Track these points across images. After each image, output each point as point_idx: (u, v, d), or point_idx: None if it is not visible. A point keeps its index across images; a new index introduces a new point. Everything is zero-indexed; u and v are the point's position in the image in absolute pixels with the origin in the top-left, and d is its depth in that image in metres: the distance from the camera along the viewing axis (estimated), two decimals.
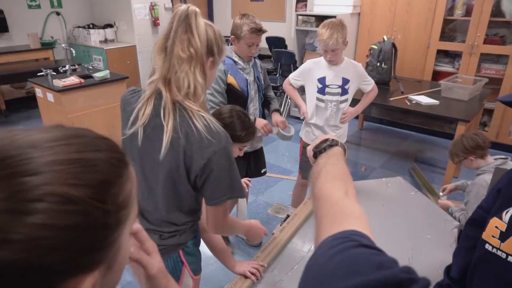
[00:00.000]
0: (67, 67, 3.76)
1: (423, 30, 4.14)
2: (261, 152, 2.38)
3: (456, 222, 1.71)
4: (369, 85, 2.38)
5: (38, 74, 3.54)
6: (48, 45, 5.49)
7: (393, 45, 3.80)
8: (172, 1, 6.02)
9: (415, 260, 1.43)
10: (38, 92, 3.57)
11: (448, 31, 4.23)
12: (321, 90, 2.27)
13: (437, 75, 4.22)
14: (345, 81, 2.24)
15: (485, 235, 0.97)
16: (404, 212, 1.77)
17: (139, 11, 5.58)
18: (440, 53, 4.24)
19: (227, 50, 2.05)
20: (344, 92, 2.27)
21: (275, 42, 5.32)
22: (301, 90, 2.48)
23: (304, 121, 2.46)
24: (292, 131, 2.30)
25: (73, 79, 3.43)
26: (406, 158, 3.97)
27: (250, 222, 1.40)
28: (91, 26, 5.85)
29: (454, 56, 4.22)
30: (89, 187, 0.38)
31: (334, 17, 2.28)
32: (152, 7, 5.67)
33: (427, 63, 4.22)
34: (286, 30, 5.63)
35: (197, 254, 1.34)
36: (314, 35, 4.86)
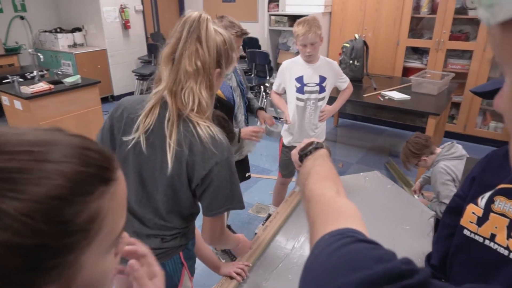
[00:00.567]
0: (35, 73, 3.62)
1: (392, 28, 4.27)
2: (247, 156, 2.37)
3: (432, 212, 1.77)
4: (345, 83, 2.43)
5: (4, 82, 3.39)
6: (13, 51, 5.28)
7: (365, 43, 3.90)
8: (143, 3, 5.92)
9: (396, 251, 1.46)
10: (4, 100, 3.42)
11: (416, 29, 4.38)
12: (300, 89, 2.30)
13: (407, 71, 4.36)
14: (322, 79, 2.28)
15: (463, 222, 1.01)
16: (383, 205, 1.81)
17: (109, 14, 5.46)
18: (409, 50, 4.39)
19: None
20: (322, 90, 2.31)
21: (249, 43, 5.33)
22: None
23: (287, 125, 2.48)
24: (280, 127, 2.29)
25: (42, 85, 3.30)
26: (381, 153, 4.07)
27: (239, 237, 1.40)
28: (59, 30, 5.66)
29: (422, 53, 4.37)
30: (25, 201, 0.33)
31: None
32: (122, 10, 5.55)
33: (397, 60, 4.35)
34: (259, 31, 5.66)
35: (194, 255, 1.34)
36: (287, 35, 4.91)
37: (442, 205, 2.09)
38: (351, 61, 3.85)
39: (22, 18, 5.52)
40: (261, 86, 4.98)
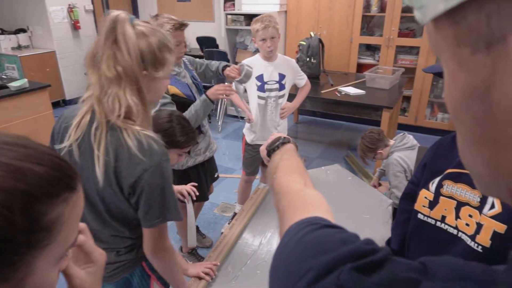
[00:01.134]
0: None
1: (345, 26, 4.42)
2: (214, 157, 2.34)
3: (390, 200, 1.87)
4: (303, 80, 2.49)
5: None
6: None
7: (320, 41, 4.00)
8: (93, 3, 5.67)
9: None
10: None
11: (368, 27, 4.57)
12: (261, 88, 2.32)
13: (361, 67, 4.53)
14: (282, 77, 2.32)
15: (417, 206, 1.08)
16: (344, 196, 1.88)
17: (56, 14, 5.17)
18: (362, 47, 4.57)
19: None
20: (282, 88, 2.34)
21: (206, 42, 5.29)
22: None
23: (248, 124, 2.48)
24: (249, 70, 2.03)
25: None
26: (340, 147, 4.21)
27: (184, 283, 1.28)
28: (0, 32, 5.28)
29: (374, 49, 4.58)
30: (3, 192, 0.36)
31: None
32: (71, 10, 5.29)
33: (351, 57, 4.52)
34: (216, 30, 5.63)
35: None
36: (245, 34, 4.93)
37: (393, 194, 2.23)
38: (308, 59, 3.94)
39: None
40: None
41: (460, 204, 1.01)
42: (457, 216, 1.02)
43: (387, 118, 3.08)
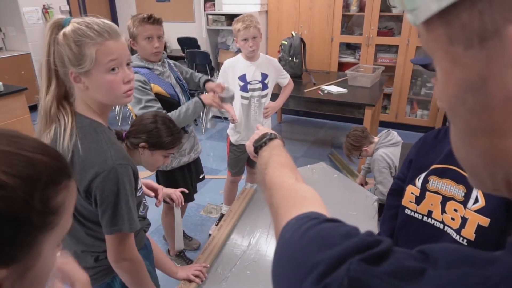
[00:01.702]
0: None
1: (326, 25, 4.47)
2: (199, 158, 2.32)
3: (375, 197, 1.90)
4: (286, 79, 2.50)
5: None
6: None
7: (302, 40, 4.03)
8: (69, 3, 5.53)
9: None
10: None
11: (347, 26, 4.64)
12: (244, 88, 2.31)
13: (342, 66, 4.59)
14: (264, 76, 2.32)
15: (404, 202, 1.11)
16: (330, 194, 1.90)
17: (30, 15, 5.02)
18: (343, 46, 4.63)
19: (135, 60, 1.86)
20: (265, 87, 2.35)
21: (187, 43, 5.24)
22: None
23: (232, 124, 2.47)
24: (232, 91, 2.11)
25: None
26: (324, 145, 4.25)
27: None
28: None
29: (355, 48, 4.64)
30: (21, 179, 0.40)
31: None
32: (46, 11, 5.14)
33: (332, 55, 4.57)
34: (197, 30, 5.59)
35: (151, 269, 1.25)
36: (226, 34, 4.91)
37: (377, 190, 2.27)
38: (290, 58, 3.96)
39: None
40: None
41: (446, 199, 1.04)
42: (443, 211, 1.05)
43: (370, 116, 3.13)
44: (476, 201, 0.98)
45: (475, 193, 0.98)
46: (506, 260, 0.28)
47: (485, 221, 0.95)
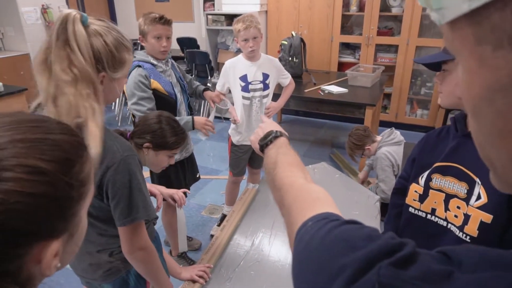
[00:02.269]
0: None
1: (326, 25, 4.47)
2: (194, 157, 2.33)
3: (377, 196, 1.90)
4: (287, 79, 2.50)
5: None
6: None
7: (302, 40, 4.03)
8: (68, 4, 5.52)
9: None
10: None
11: (347, 26, 4.64)
12: (245, 88, 2.31)
13: (342, 66, 4.60)
14: (265, 76, 2.32)
15: (408, 200, 1.11)
16: (333, 194, 1.88)
17: (29, 15, 5.00)
18: (343, 46, 4.63)
19: (141, 55, 1.95)
20: (266, 87, 2.34)
21: (187, 43, 5.24)
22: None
23: (234, 125, 2.47)
24: (229, 104, 2.22)
25: None
26: (325, 145, 4.25)
27: (169, 285, 1.25)
28: None
29: (354, 48, 4.65)
30: (56, 163, 0.44)
31: None
32: (45, 10, 5.12)
33: (332, 55, 4.57)
34: (197, 30, 5.58)
35: (162, 260, 1.27)
36: (226, 34, 4.91)
37: (379, 188, 2.27)
38: (290, 58, 3.96)
39: None
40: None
41: (449, 197, 1.04)
42: (446, 208, 1.05)
43: (370, 115, 3.13)
44: (479, 198, 0.98)
45: (478, 190, 0.98)
46: None
47: (488, 218, 0.95)
